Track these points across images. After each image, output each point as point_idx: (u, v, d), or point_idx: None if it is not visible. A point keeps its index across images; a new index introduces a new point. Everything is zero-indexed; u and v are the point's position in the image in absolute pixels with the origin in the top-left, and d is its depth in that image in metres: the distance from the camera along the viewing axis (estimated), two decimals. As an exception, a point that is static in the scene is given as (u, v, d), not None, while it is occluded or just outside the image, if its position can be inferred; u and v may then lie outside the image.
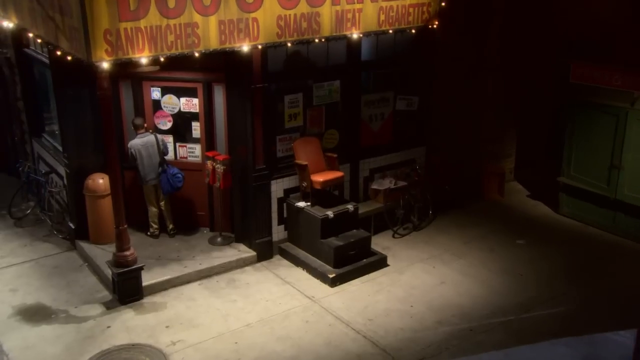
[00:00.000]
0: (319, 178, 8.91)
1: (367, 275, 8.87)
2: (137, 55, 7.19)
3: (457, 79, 10.92)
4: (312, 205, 9.03)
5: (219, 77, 9.10)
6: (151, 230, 9.59)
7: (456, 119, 11.06)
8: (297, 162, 8.99)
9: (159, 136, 9.23)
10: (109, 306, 8.04)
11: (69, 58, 7.59)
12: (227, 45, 7.80)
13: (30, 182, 10.67)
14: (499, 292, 8.47)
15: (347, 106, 9.76)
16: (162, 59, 7.47)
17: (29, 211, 10.57)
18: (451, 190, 10.85)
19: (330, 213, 8.87)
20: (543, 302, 8.17)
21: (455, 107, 10.99)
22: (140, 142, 9.09)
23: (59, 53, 7.83)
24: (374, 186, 10.15)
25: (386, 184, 10.07)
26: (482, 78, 11.36)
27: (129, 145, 9.14)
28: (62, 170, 9.71)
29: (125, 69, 8.69)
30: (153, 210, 9.50)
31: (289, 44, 8.35)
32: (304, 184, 9.01)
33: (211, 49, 7.67)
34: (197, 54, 7.59)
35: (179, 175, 9.24)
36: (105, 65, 7.05)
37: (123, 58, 7.11)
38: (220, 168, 9.00)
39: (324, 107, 9.55)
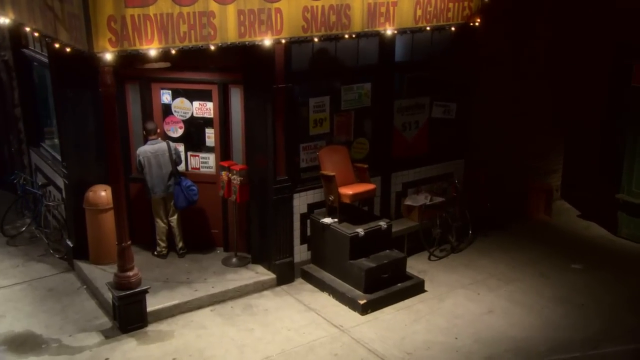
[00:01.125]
0: (348, 191, 8.05)
1: (402, 302, 7.95)
2: (145, 47, 6.45)
3: (500, 85, 10.07)
4: (340, 221, 8.16)
5: (237, 78, 8.34)
6: (158, 249, 8.76)
7: (498, 129, 10.18)
8: (323, 173, 8.15)
9: (172, 144, 8.45)
10: (108, 335, 7.17)
11: (68, 50, 6.85)
12: (247, 39, 7.04)
13: (26, 196, 9.91)
14: (557, 324, 7.50)
15: (379, 112, 8.94)
16: (173, 52, 6.70)
17: (23, 229, 9.80)
18: (493, 208, 9.93)
19: (360, 231, 7.99)
20: (612, 337, 7.18)
21: (497, 116, 10.12)
22: (150, 150, 8.31)
23: (57, 46, 7.10)
24: (408, 202, 9.27)
25: (421, 199, 9.19)
26: (528, 85, 10.50)
27: (137, 151, 8.37)
28: (60, 181, 8.93)
29: (132, 68, 8.00)
30: (161, 226, 8.67)
31: (316, 40, 7.58)
32: (331, 198, 8.15)
33: (229, 42, 6.91)
34: (212, 48, 6.83)
35: (194, 187, 8.45)
36: (109, 56, 6.30)
37: (129, 50, 6.38)
38: (236, 179, 8.18)
39: (352, 113, 8.73)
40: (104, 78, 6.59)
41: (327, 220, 8.25)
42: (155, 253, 8.80)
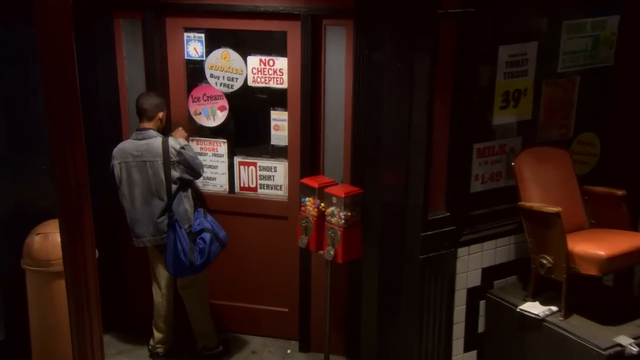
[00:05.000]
0: (597, 250, 3.75)
1: None
2: None
3: None
4: (566, 313, 3.88)
5: (340, 6, 4.17)
6: (152, 343, 4.70)
7: None
8: (532, 208, 3.91)
9: (175, 141, 4.31)
10: None
11: None
12: None
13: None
14: None
15: (631, 78, 4.59)
16: None
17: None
18: None
19: (627, 342, 3.69)
20: None
21: None
22: (131, 150, 4.24)
23: None
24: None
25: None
26: None
27: (113, 152, 4.30)
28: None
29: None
30: (158, 300, 4.58)
31: None
32: (544, 261, 3.89)
33: None
34: None
35: (206, 236, 4.32)
36: None
37: None
38: (337, 215, 4.04)
39: (577, 80, 4.43)
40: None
41: (536, 308, 3.99)
42: (149, 349, 4.70)
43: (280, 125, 4.63)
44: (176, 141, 4.31)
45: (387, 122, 3.98)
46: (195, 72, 4.67)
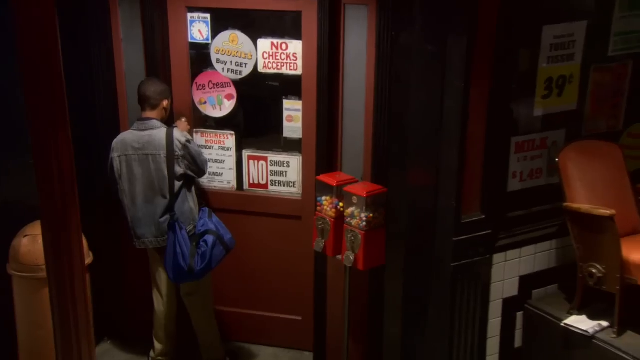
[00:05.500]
0: (658, 258, 3.31)
1: None
2: None
3: None
4: (619, 329, 3.44)
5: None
6: (152, 355, 4.29)
7: None
8: (579, 210, 3.47)
9: (181, 134, 3.90)
10: None
11: None
12: None
13: None
14: None
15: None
16: None
17: None
18: None
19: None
20: None
21: None
22: (132, 142, 3.86)
23: None
24: None
25: None
26: None
27: (112, 144, 3.88)
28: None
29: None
30: (159, 308, 4.20)
31: None
32: (595, 270, 3.44)
33: None
34: None
35: (209, 238, 3.90)
36: None
37: None
38: (357, 217, 3.62)
39: (629, 65, 3.96)
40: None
41: (584, 323, 3.56)
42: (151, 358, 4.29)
43: (294, 116, 4.20)
44: (182, 133, 3.90)
45: (415, 113, 3.52)
46: (200, 57, 4.24)
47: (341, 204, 3.82)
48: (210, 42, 4.17)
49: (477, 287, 3.59)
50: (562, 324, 3.60)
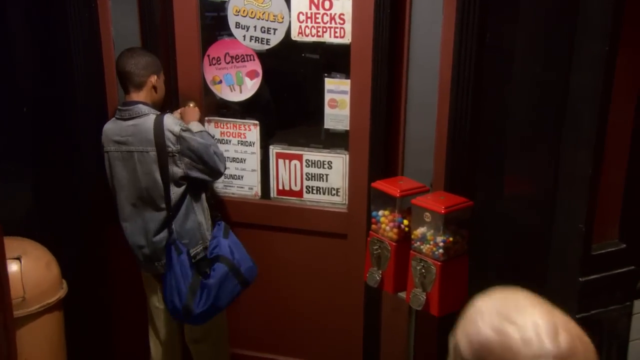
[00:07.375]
0: None
1: None
2: None
3: None
4: None
5: None
6: None
7: None
8: None
9: (173, 121, 2.90)
10: None
11: None
12: None
13: None
14: None
15: None
16: None
17: None
18: None
19: None
20: None
21: None
22: (112, 134, 2.88)
23: None
24: None
25: None
26: None
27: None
28: None
29: None
30: (157, 356, 3.15)
31: None
32: None
33: None
34: None
35: (219, 268, 2.93)
36: None
37: None
38: (431, 241, 2.61)
39: None
40: None
41: None
42: None
43: (339, 101, 3.17)
44: (175, 121, 2.88)
45: (520, 92, 2.46)
46: (214, 21, 3.26)
47: (406, 222, 2.79)
48: (227, 0, 3.17)
49: (610, 347, 2.53)
50: None
